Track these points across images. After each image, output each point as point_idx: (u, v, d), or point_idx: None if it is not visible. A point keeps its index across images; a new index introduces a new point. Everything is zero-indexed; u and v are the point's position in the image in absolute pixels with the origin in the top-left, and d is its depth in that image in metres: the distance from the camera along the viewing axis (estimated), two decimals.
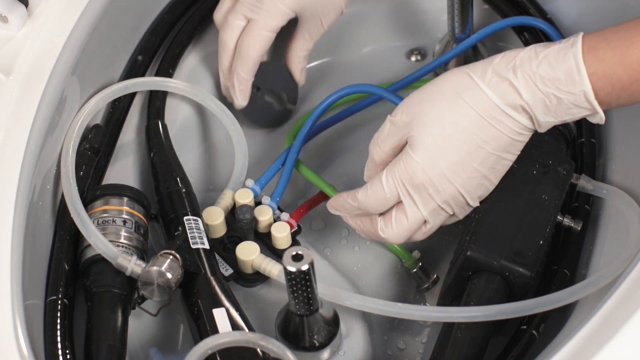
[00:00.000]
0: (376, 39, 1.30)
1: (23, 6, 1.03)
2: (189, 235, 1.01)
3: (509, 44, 1.25)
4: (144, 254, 1.00)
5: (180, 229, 1.02)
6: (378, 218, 0.98)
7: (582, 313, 0.95)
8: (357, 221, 1.01)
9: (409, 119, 0.95)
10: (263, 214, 1.06)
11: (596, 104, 0.89)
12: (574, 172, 1.03)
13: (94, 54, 1.07)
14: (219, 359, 0.90)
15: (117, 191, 1.02)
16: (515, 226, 0.97)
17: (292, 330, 0.96)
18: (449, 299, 1.01)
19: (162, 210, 1.05)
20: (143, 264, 0.95)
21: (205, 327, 0.95)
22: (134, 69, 1.15)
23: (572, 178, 1.03)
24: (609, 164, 1.09)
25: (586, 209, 1.05)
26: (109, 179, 1.09)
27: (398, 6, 1.30)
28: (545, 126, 0.93)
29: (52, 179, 1.01)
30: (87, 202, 1.01)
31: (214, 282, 0.98)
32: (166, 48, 1.19)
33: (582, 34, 0.91)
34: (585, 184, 1.04)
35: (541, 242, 0.97)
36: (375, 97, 1.18)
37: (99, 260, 0.96)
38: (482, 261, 0.96)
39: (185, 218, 1.03)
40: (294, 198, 1.16)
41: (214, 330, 0.94)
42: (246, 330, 0.94)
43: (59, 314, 0.92)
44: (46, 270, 0.96)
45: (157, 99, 1.15)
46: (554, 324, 0.96)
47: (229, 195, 1.08)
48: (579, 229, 1.02)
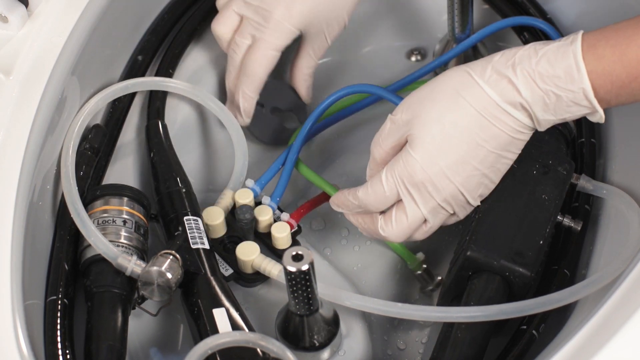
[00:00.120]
0: (376, 39, 1.30)
1: (23, 6, 1.02)
2: (189, 235, 1.01)
3: (509, 44, 1.25)
4: (144, 254, 1.00)
5: (180, 229, 1.02)
6: (378, 216, 0.98)
7: (582, 313, 0.95)
8: (358, 219, 1.01)
9: (409, 117, 0.95)
10: (263, 214, 1.06)
11: (595, 102, 0.89)
12: (574, 172, 1.03)
13: (94, 54, 1.07)
14: (219, 359, 0.89)
15: (117, 191, 1.01)
16: (515, 226, 0.97)
17: (292, 330, 0.96)
18: (449, 299, 1.01)
19: (162, 210, 1.05)
20: (143, 264, 0.95)
21: (205, 327, 0.95)
22: (134, 69, 1.15)
23: (572, 178, 1.03)
24: (609, 164, 1.09)
25: (586, 209, 1.05)
26: (109, 179, 1.09)
27: (398, 6, 1.30)
28: (544, 124, 0.93)
29: (52, 179, 1.01)
30: (87, 202, 1.01)
31: (214, 282, 0.98)
32: (166, 48, 1.19)
33: (582, 31, 0.91)
34: (585, 184, 1.04)
35: (541, 242, 0.97)
36: (375, 97, 1.18)
37: (99, 260, 0.96)
38: (482, 261, 0.96)
39: (185, 218, 1.03)
40: (294, 198, 1.16)
41: (214, 330, 0.94)
42: (246, 330, 0.94)
43: (59, 314, 0.92)
44: (46, 270, 0.96)
45: (157, 99, 1.14)
46: (554, 324, 0.96)
47: (229, 195, 1.08)
48: (579, 229, 1.02)
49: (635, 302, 0.80)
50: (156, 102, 1.14)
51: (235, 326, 0.94)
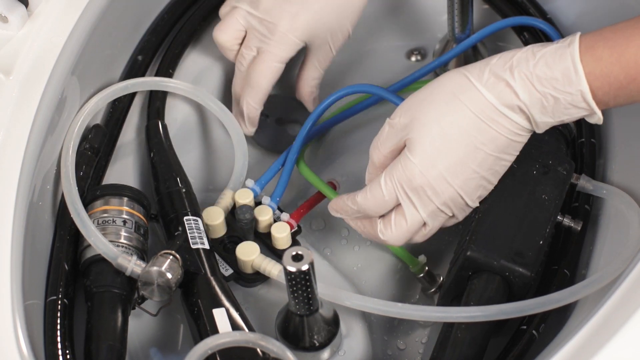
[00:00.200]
0: (376, 39, 1.30)
1: (23, 6, 1.02)
2: (189, 235, 1.01)
3: (509, 44, 1.25)
4: (144, 254, 1.00)
5: (180, 229, 1.02)
6: (378, 220, 0.98)
7: (582, 313, 0.95)
8: (358, 223, 1.01)
9: (407, 121, 0.94)
10: (263, 214, 1.06)
11: (593, 103, 0.89)
12: (574, 172, 1.03)
13: (94, 54, 1.07)
14: (219, 359, 0.90)
15: (117, 191, 1.02)
16: (515, 226, 0.97)
17: (292, 330, 0.96)
18: (449, 299, 1.01)
19: (162, 210, 1.05)
20: (143, 264, 0.95)
21: (205, 327, 0.95)
22: (134, 69, 1.15)
23: (572, 178, 1.03)
24: (609, 164, 1.09)
25: (586, 209, 1.05)
26: (109, 179, 1.09)
27: (398, 6, 1.30)
28: (542, 127, 0.92)
29: (52, 179, 1.01)
30: (87, 202, 1.01)
31: (214, 282, 0.98)
32: (166, 48, 1.19)
33: (579, 33, 0.90)
34: (585, 184, 1.04)
35: (541, 242, 0.97)
36: (375, 98, 1.18)
37: (99, 260, 0.96)
38: (482, 261, 0.96)
39: (185, 218, 1.03)
40: (294, 198, 1.16)
41: (214, 330, 0.94)
42: (246, 330, 0.94)
43: (59, 314, 0.92)
44: (46, 270, 0.96)
45: (157, 99, 1.14)
46: (554, 324, 0.96)
47: (229, 195, 1.08)
48: (579, 229, 1.02)
49: (635, 302, 0.80)
50: (156, 102, 1.14)
51: (235, 326, 0.94)
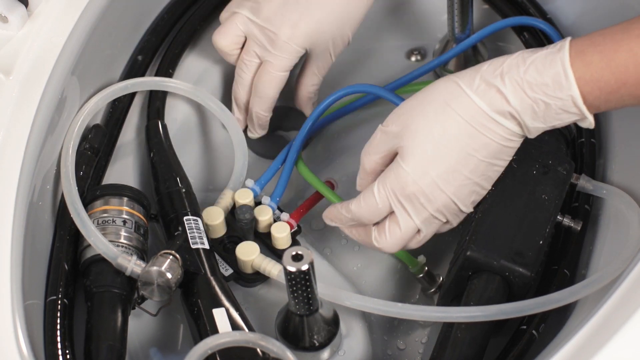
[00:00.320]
0: (376, 39, 1.30)
1: (23, 6, 1.02)
2: (189, 235, 1.01)
3: (509, 44, 1.25)
4: (144, 254, 1.00)
5: (180, 229, 1.02)
6: (372, 228, 0.98)
7: (582, 313, 0.95)
8: (353, 231, 1.01)
9: (399, 128, 0.95)
10: (263, 214, 1.06)
11: (584, 108, 0.89)
12: (574, 172, 1.03)
13: (94, 54, 1.07)
14: (219, 359, 0.90)
15: (117, 191, 1.02)
16: (515, 226, 0.97)
17: (292, 330, 0.96)
18: (449, 299, 1.01)
19: (162, 210, 1.05)
20: (143, 264, 0.95)
21: (205, 327, 0.95)
22: (134, 69, 1.15)
23: (572, 178, 1.03)
24: (609, 164, 1.09)
25: (586, 209, 1.05)
26: (109, 179, 1.09)
27: (398, 6, 1.30)
28: (534, 132, 0.92)
29: (52, 179, 1.01)
30: (87, 202, 1.01)
31: (214, 282, 0.98)
32: (166, 48, 1.19)
33: (569, 38, 0.90)
34: (585, 184, 1.04)
35: (541, 242, 0.97)
36: (373, 96, 1.18)
37: (99, 260, 0.96)
38: (482, 261, 0.96)
39: (185, 218, 1.03)
40: (293, 198, 1.16)
41: (214, 330, 0.94)
42: (246, 330, 0.94)
43: (59, 314, 0.92)
44: (46, 270, 0.96)
45: (157, 99, 1.15)
46: (554, 324, 0.96)
47: (228, 195, 1.08)
48: (578, 229, 1.02)
49: (635, 302, 0.80)
50: (156, 102, 1.14)
51: (235, 326, 0.94)
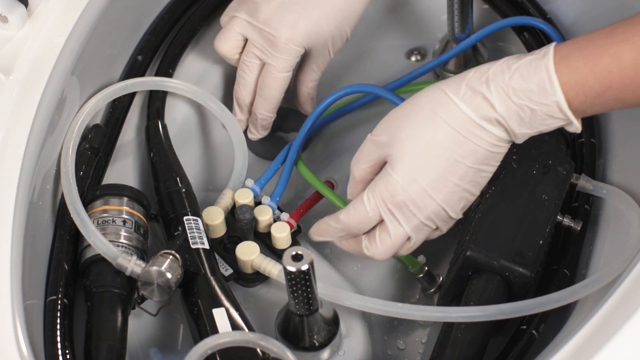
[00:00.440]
0: (376, 39, 1.30)
1: (23, 6, 1.03)
2: (188, 235, 1.01)
3: (509, 44, 1.25)
4: (144, 254, 1.00)
5: (180, 229, 1.02)
6: (362, 236, 0.99)
7: (582, 313, 0.95)
8: (343, 242, 1.01)
9: (387, 137, 0.95)
10: (263, 214, 1.06)
11: (570, 113, 0.89)
12: (574, 172, 1.03)
13: (94, 54, 1.07)
14: (219, 359, 0.90)
15: (117, 191, 1.02)
16: (515, 226, 0.97)
17: (292, 330, 0.96)
18: (449, 299, 1.01)
19: (162, 210, 1.05)
20: (143, 264, 0.95)
21: (205, 327, 0.95)
22: (134, 69, 1.15)
23: (572, 178, 1.03)
24: (609, 164, 1.09)
25: (586, 209, 1.05)
26: (108, 179, 1.09)
27: (398, 6, 1.30)
28: (521, 137, 0.93)
29: (52, 179, 1.01)
30: (87, 202, 1.01)
31: (213, 282, 0.98)
32: (166, 48, 1.19)
33: (554, 44, 0.91)
34: (585, 184, 1.04)
35: (541, 242, 0.97)
36: (373, 95, 1.18)
37: (99, 260, 0.96)
38: (482, 261, 0.96)
39: (185, 218, 1.03)
40: (293, 198, 1.16)
41: (214, 330, 0.94)
42: (246, 330, 0.94)
43: (58, 314, 0.92)
44: (46, 270, 0.96)
45: (157, 99, 1.15)
46: (554, 324, 0.96)
47: (228, 195, 1.08)
48: (578, 229, 1.02)
49: (635, 302, 0.80)
50: (156, 102, 1.14)
51: (235, 326, 0.94)
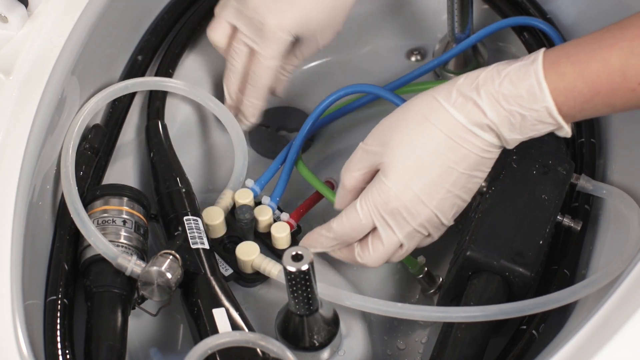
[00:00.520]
0: (376, 39, 1.30)
1: (23, 6, 1.03)
2: (188, 235, 1.01)
3: (509, 44, 1.25)
4: (144, 254, 1.00)
5: (180, 229, 1.02)
6: (355, 244, 0.99)
7: (582, 313, 0.94)
8: (336, 250, 1.01)
9: (379, 145, 0.95)
10: (263, 214, 1.06)
11: (560, 118, 0.89)
12: (574, 172, 1.03)
13: (94, 54, 1.07)
14: (219, 359, 0.90)
15: (117, 191, 1.01)
16: (515, 226, 0.97)
17: (292, 330, 0.96)
18: (449, 299, 1.01)
19: (162, 210, 1.05)
20: (143, 264, 0.95)
21: (205, 327, 0.95)
22: (134, 69, 1.15)
23: (572, 178, 1.03)
24: (609, 164, 1.09)
25: (586, 209, 1.05)
26: (108, 179, 1.09)
27: (398, 6, 1.30)
28: (512, 143, 0.93)
29: (52, 179, 1.01)
30: (87, 202, 1.01)
31: (213, 282, 0.98)
32: (166, 48, 1.19)
33: (543, 49, 0.91)
34: (585, 184, 1.04)
35: (541, 242, 0.97)
36: (373, 96, 1.18)
37: (99, 260, 0.96)
38: (482, 261, 0.96)
39: (185, 218, 1.03)
40: (293, 198, 1.16)
41: (214, 330, 0.94)
42: (246, 330, 0.94)
43: (58, 314, 0.92)
44: (46, 270, 0.96)
45: (157, 99, 1.14)
46: (554, 324, 0.96)
47: (228, 195, 1.08)
48: (578, 229, 1.02)
49: (635, 302, 0.80)
50: (156, 102, 1.14)
51: (235, 326, 0.94)
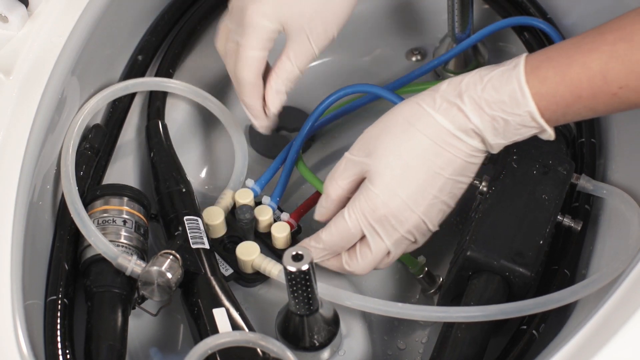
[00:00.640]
0: (376, 38, 1.30)
1: (23, 6, 1.03)
2: (189, 235, 1.01)
3: (509, 44, 1.25)
4: (144, 254, 1.00)
5: (180, 228, 1.02)
6: (342, 253, 0.99)
7: (582, 313, 0.95)
8: (324, 260, 1.01)
9: (365, 153, 0.95)
10: (263, 214, 1.06)
11: (543, 122, 0.90)
12: (574, 172, 1.03)
13: (94, 54, 1.07)
14: (219, 359, 0.90)
15: (117, 191, 1.02)
16: (515, 226, 0.97)
17: (292, 330, 0.96)
18: (449, 299, 1.01)
19: (162, 210, 1.05)
20: (143, 264, 0.95)
21: (205, 327, 0.95)
22: (134, 69, 1.15)
23: (572, 178, 1.03)
24: (609, 164, 1.09)
25: (586, 209, 1.05)
26: (109, 179, 1.09)
27: (398, 6, 1.30)
28: (497, 148, 0.93)
29: (52, 179, 1.01)
30: (87, 202, 1.01)
31: (214, 282, 0.98)
32: (166, 48, 1.19)
33: (525, 54, 0.91)
34: (585, 183, 1.04)
35: (541, 242, 0.97)
36: (373, 95, 1.18)
37: (99, 260, 0.96)
38: (482, 261, 0.96)
39: (185, 218, 1.03)
40: (294, 198, 1.16)
41: (214, 330, 0.94)
42: (246, 330, 0.94)
43: (59, 314, 0.92)
44: (46, 270, 0.96)
45: (157, 99, 1.15)
46: (554, 324, 0.96)
47: (229, 195, 1.08)
48: (579, 229, 1.02)
49: (635, 302, 0.80)
50: (156, 102, 1.14)
51: (235, 326, 0.94)
